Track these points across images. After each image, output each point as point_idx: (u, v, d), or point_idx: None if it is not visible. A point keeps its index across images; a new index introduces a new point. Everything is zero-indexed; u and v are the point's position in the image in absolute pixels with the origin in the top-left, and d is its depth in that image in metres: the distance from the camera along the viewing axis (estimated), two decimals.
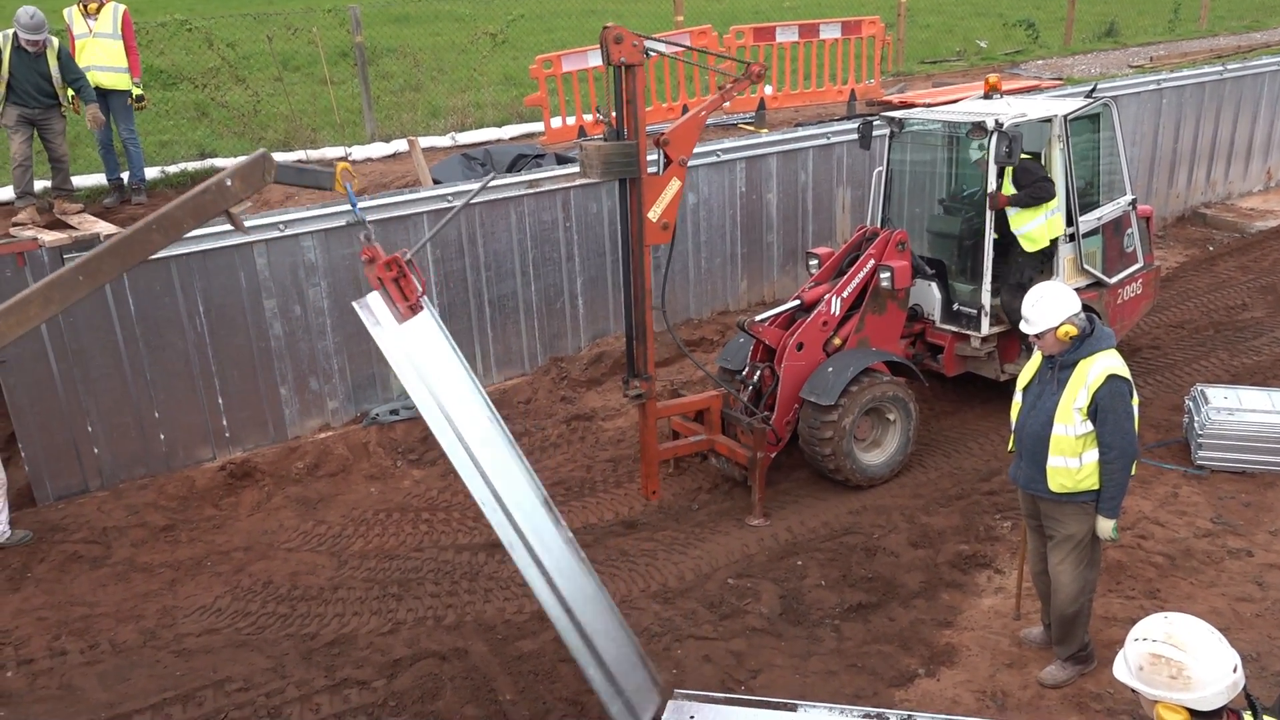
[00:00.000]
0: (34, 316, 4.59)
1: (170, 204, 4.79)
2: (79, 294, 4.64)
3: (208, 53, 12.79)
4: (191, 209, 4.74)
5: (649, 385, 7.53)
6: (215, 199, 4.73)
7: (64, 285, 4.56)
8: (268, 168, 4.84)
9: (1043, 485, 5.38)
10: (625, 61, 6.85)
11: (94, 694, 5.96)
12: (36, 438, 7.90)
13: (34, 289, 4.57)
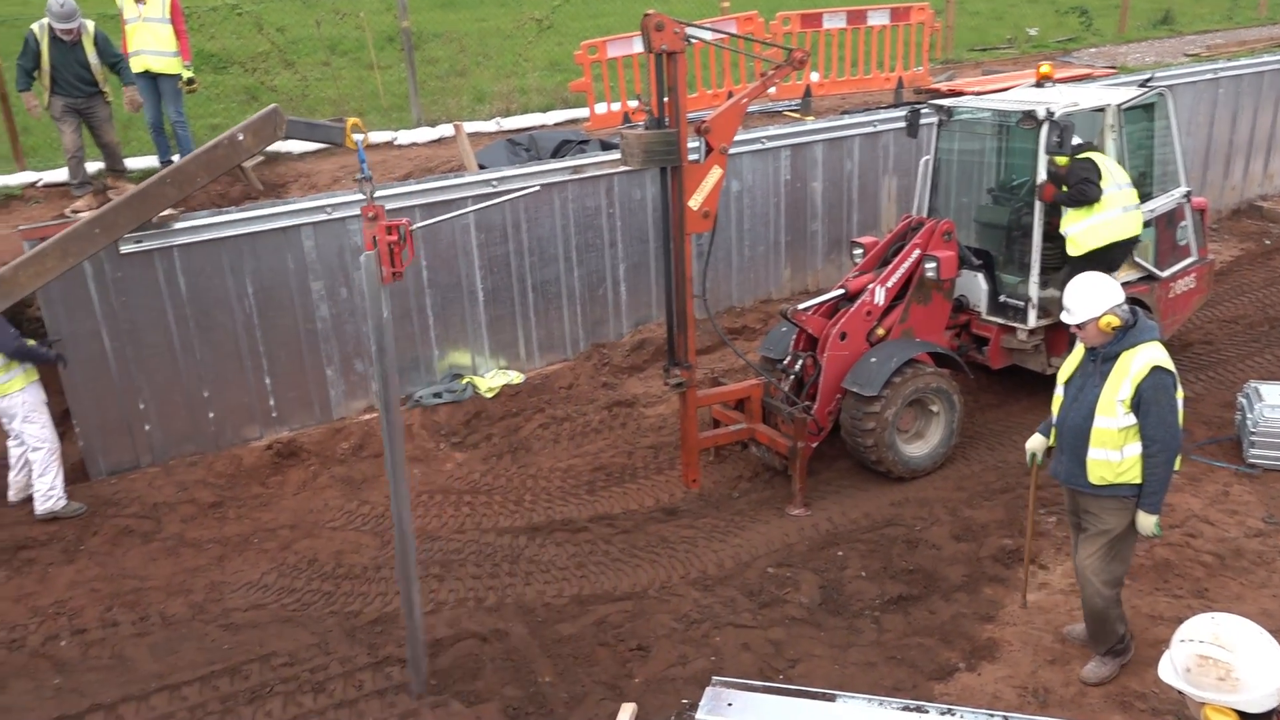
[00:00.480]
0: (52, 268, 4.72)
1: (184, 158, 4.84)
2: (95, 246, 4.74)
3: (257, 37, 12.94)
4: (204, 162, 4.83)
5: (689, 373, 7.53)
6: (227, 153, 4.82)
7: (80, 238, 4.67)
8: (278, 123, 4.91)
9: (1082, 479, 5.31)
10: (666, 49, 6.82)
11: (144, 665, 6.09)
12: (90, 414, 8.07)
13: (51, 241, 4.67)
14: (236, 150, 4.86)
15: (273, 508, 7.87)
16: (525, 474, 8.24)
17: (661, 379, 8.28)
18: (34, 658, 6.22)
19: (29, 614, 6.65)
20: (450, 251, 9.15)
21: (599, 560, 6.99)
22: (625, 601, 6.48)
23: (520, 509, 7.74)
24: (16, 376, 7.43)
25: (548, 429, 8.88)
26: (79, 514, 7.64)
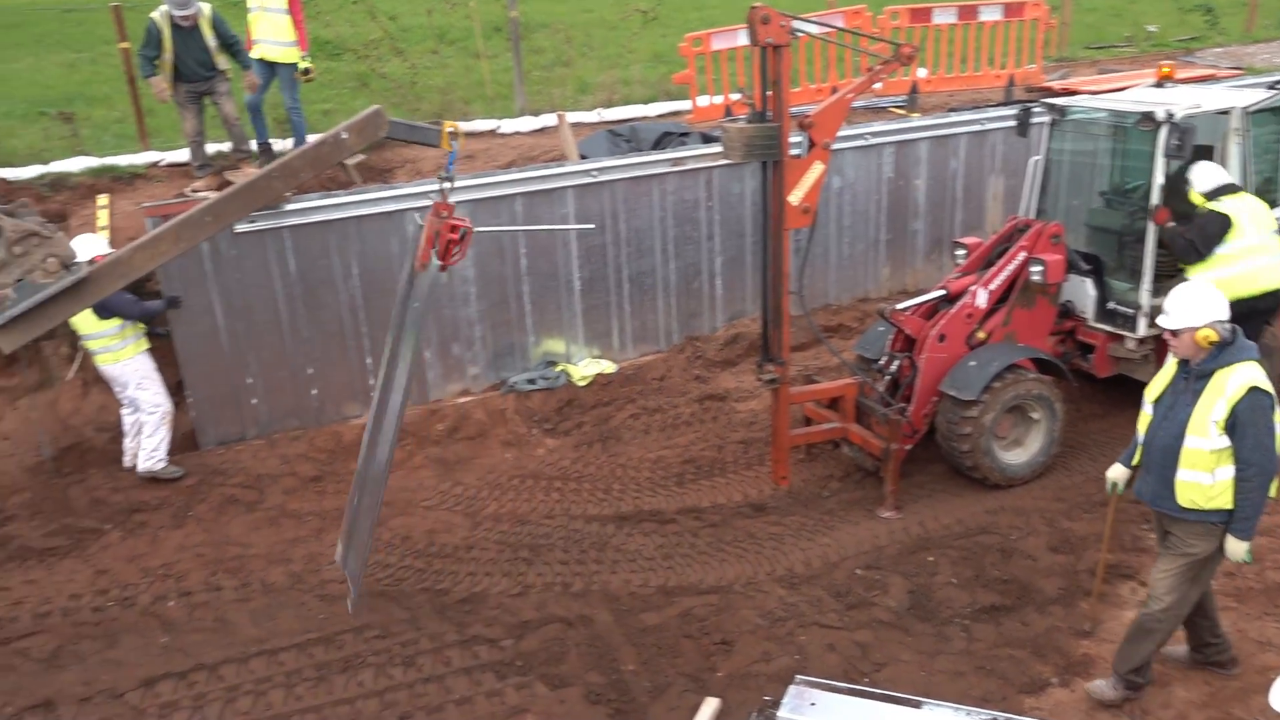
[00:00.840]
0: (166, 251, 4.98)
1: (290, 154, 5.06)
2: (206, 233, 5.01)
3: (370, 25, 13.23)
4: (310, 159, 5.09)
5: (783, 370, 7.48)
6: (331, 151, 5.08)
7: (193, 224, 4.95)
8: (380, 124, 5.16)
9: (1169, 501, 5.10)
10: (772, 42, 6.77)
11: (245, 629, 6.34)
12: (202, 386, 8.41)
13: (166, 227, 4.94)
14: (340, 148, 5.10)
15: None
16: (615, 463, 8.30)
17: (754, 374, 8.25)
18: (144, 616, 6.52)
19: (140, 574, 6.97)
20: (549, 241, 9.25)
21: (685, 552, 7.01)
22: (710, 595, 6.48)
23: (609, 497, 7.80)
24: (129, 345, 7.80)
25: (639, 419, 8.93)
26: (176, 477, 7.99)
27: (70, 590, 6.80)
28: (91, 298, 4.89)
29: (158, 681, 5.89)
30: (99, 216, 8.92)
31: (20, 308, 4.63)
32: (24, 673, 6.01)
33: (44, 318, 4.74)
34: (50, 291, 4.66)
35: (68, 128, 10.90)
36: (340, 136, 5.16)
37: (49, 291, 4.66)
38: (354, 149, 5.24)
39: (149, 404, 7.90)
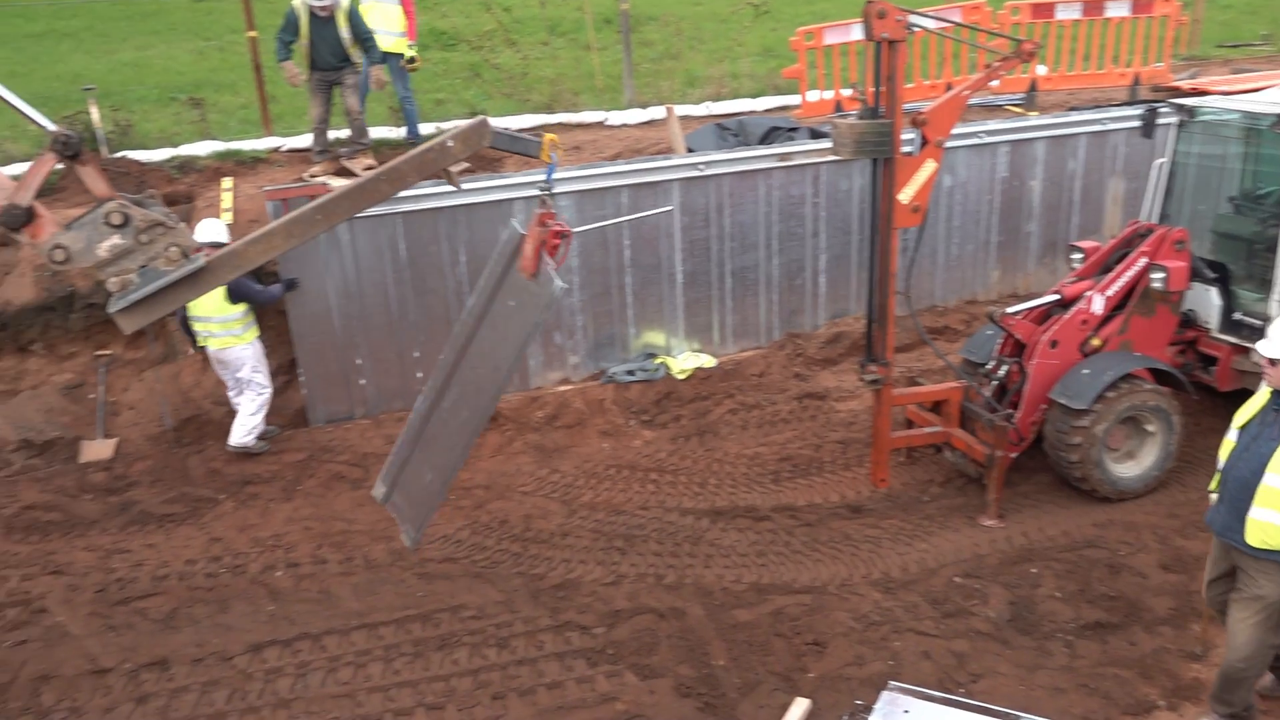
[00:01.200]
0: (277, 246, 5.24)
1: (398, 159, 5.35)
2: (316, 230, 5.27)
3: (485, 16, 13.46)
4: (416, 164, 5.30)
5: (886, 371, 7.36)
6: (437, 157, 5.28)
7: (304, 221, 5.19)
8: (484, 133, 5.33)
9: (1239, 535, 4.85)
10: (887, 37, 6.65)
11: (347, 602, 6.54)
12: (314, 366, 8.69)
13: (279, 223, 5.21)
14: (445, 155, 5.33)
15: (469, 468, 8.23)
16: (711, 457, 8.29)
17: (856, 374, 8.14)
18: (253, 584, 6.78)
19: (250, 543, 7.25)
20: (653, 233, 9.28)
21: (780, 550, 6.96)
22: (804, 595, 6.44)
23: (704, 492, 7.80)
24: (251, 330, 8.13)
25: (736, 415, 8.90)
26: (264, 450, 8.31)
27: (186, 555, 7.11)
28: (207, 286, 5.16)
29: (264, 647, 6.12)
30: (223, 199, 9.29)
31: (142, 292, 4.90)
32: (142, 631, 6.31)
33: (163, 302, 5.01)
34: (171, 278, 4.92)
35: (196, 113, 11.38)
36: (446, 144, 5.35)
37: (169, 278, 4.91)
38: (459, 157, 5.45)
39: (259, 386, 8.20)
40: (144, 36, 17.39)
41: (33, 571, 6.93)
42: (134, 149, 10.41)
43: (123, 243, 4.79)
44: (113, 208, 4.74)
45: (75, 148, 4.62)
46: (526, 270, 5.87)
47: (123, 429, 8.65)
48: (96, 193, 4.77)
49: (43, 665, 6.01)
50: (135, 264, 4.85)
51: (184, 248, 4.92)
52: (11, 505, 7.70)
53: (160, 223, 4.86)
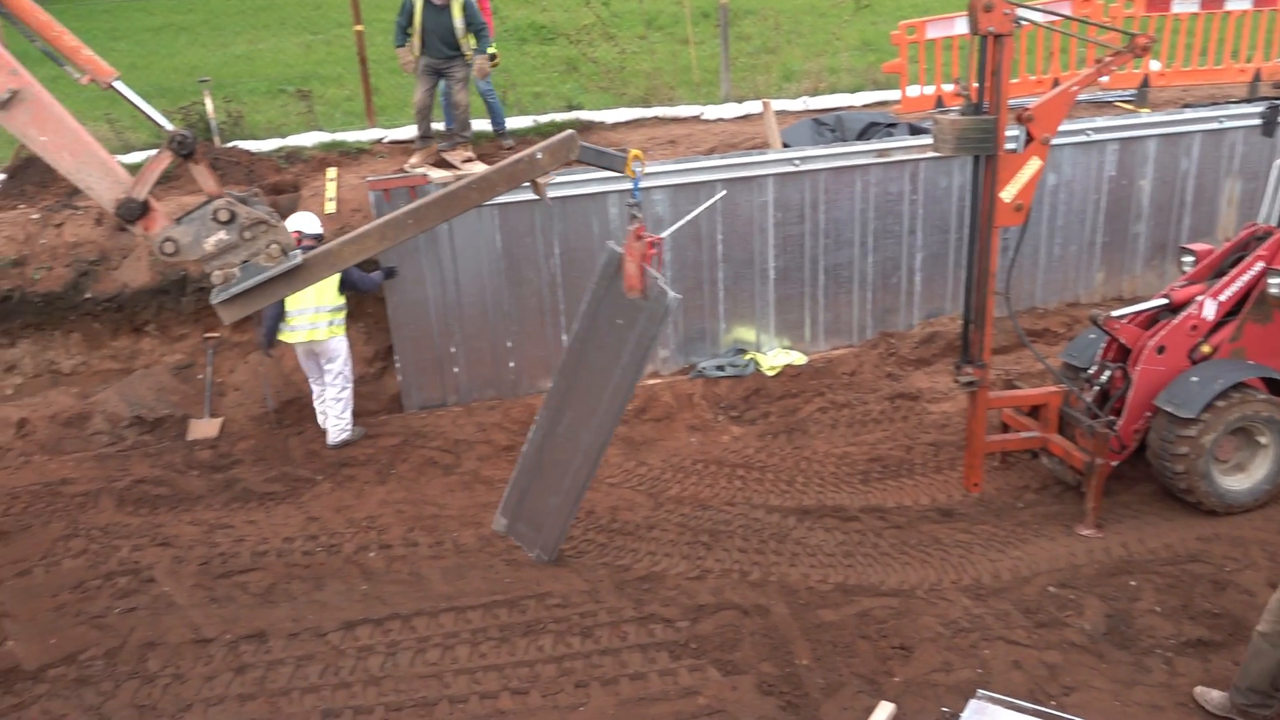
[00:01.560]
0: (370, 247, 5.53)
1: (489, 169, 5.62)
2: (407, 234, 5.56)
3: (584, 10, 13.55)
4: (506, 175, 5.57)
5: (982, 373, 7.21)
6: (526, 168, 5.54)
7: (397, 225, 5.46)
8: (572, 147, 5.58)
9: None
10: (993, 31, 6.50)
11: (437, 585, 6.68)
12: (409, 353, 8.89)
13: (373, 225, 5.48)
14: (534, 167, 5.59)
15: None
16: (799, 455, 8.23)
17: (951, 375, 7.99)
18: (347, 563, 6.98)
19: (345, 524, 7.45)
20: (747, 228, 9.24)
21: (867, 552, 6.88)
22: (891, 598, 6.35)
23: (791, 490, 7.74)
24: (343, 322, 8.29)
25: (826, 413, 8.81)
26: (361, 436, 8.49)
27: (284, 533, 7.35)
28: (302, 283, 5.42)
29: (357, 625, 6.29)
30: (327, 188, 9.55)
31: (243, 285, 5.18)
32: (242, 604, 6.55)
33: (261, 296, 5.29)
34: (270, 274, 5.19)
35: (304, 105, 11.72)
36: (535, 156, 5.57)
37: (269, 274, 5.18)
38: (547, 169, 5.66)
39: (344, 380, 8.36)
40: (255, 30, 17.97)
41: (142, 543, 7.24)
42: (244, 139, 10.78)
43: (228, 238, 5.04)
44: (220, 205, 5.00)
45: (190, 147, 4.86)
46: (634, 289, 6.07)
47: (228, 409, 8.99)
48: (207, 190, 5.02)
49: (150, 632, 6.28)
50: (238, 259, 5.12)
51: (284, 245, 5.17)
52: (124, 478, 8.06)
53: (263, 220, 5.11)
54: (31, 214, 9.31)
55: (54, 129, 4.79)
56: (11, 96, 4.64)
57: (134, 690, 5.82)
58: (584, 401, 6.63)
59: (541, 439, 6.88)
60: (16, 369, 9.07)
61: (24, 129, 4.76)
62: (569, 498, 6.73)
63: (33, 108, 4.72)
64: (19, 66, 4.70)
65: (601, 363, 6.52)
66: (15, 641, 6.23)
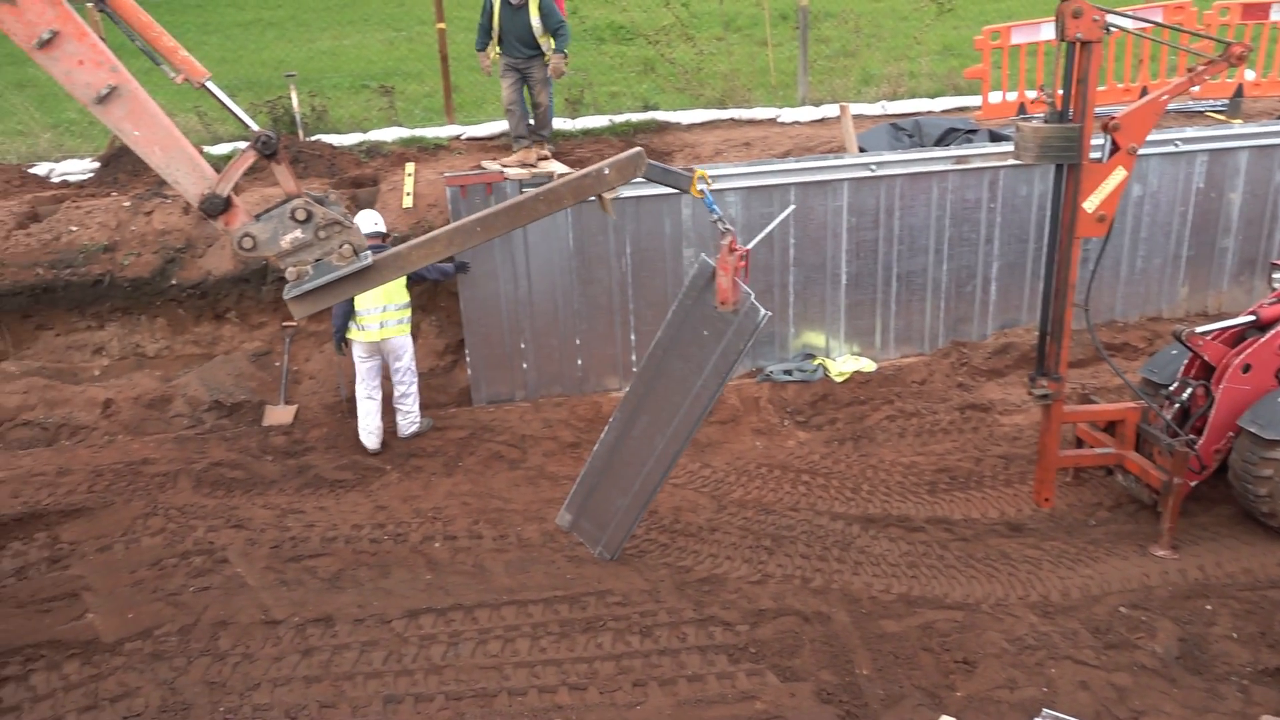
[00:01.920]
0: (438, 252, 5.73)
1: (556, 182, 5.77)
2: (475, 241, 5.77)
3: (663, 11, 13.56)
4: (573, 189, 5.74)
5: (1058, 386, 7.05)
6: (593, 183, 5.70)
7: (465, 232, 5.69)
8: (639, 164, 5.73)
9: None
10: (1081, 37, 6.36)
11: (499, 578, 6.75)
12: (480, 347, 9.00)
13: (441, 231, 5.69)
14: (600, 182, 5.75)
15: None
16: (865, 463, 8.14)
17: (1025, 387, 7.85)
18: (413, 552, 7.09)
19: (412, 514, 7.58)
20: (820, 233, 9.17)
21: (932, 563, 6.78)
22: (955, 611, 6.25)
23: (856, 497, 7.67)
24: (410, 320, 8.38)
25: (894, 421, 8.71)
26: (430, 427, 8.61)
27: (353, 520, 7.50)
28: (371, 284, 5.61)
29: (420, 614, 6.39)
30: (405, 183, 9.72)
31: (315, 283, 5.38)
32: (311, 588, 6.70)
33: (330, 294, 5.50)
34: (341, 273, 5.38)
35: (385, 100, 11.94)
36: (603, 172, 5.73)
37: (340, 273, 5.38)
38: (613, 185, 5.82)
39: (410, 375, 8.46)
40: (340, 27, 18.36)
41: (217, 524, 7.44)
42: (327, 133, 11.02)
43: (303, 237, 5.23)
44: (298, 204, 5.18)
45: (273, 147, 5.03)
46: (728, 302, 6.19)
47: (302, 397, 9.20)
48: (286, 189, 5.19)
49: (221, 611, 6.46)
50: (311, 257, 5.30)
51: (356, 246, 5.34)
52: (201, 461, 8.30)
53: (338, 221, 5.29)
54: (123, 202, 9.64)
55: (147, 125, 4.95)
56: (110, 92, 4.81)
57: (205, 667, 5.99)
58: (661, 408, 6.71)
59: (614, 440, 6.96)
60: (104, 351, 9.40)
61: (119, 123, 4.92)
62: (637, 500, 6.80)
63: (129, 104, 4.88)
64: (118, 64, 4.87)
65: (683, 372, 6.59)
66: (95, 614, 6.45)
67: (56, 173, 10.66)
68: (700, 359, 6.49)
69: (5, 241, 9.23)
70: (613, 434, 6.97)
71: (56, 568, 6.96)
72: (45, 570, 6.95)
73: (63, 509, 7.63)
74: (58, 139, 11.86)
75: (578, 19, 14.20)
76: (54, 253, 9.19)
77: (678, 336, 6.62)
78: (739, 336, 6.29)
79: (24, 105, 12.62)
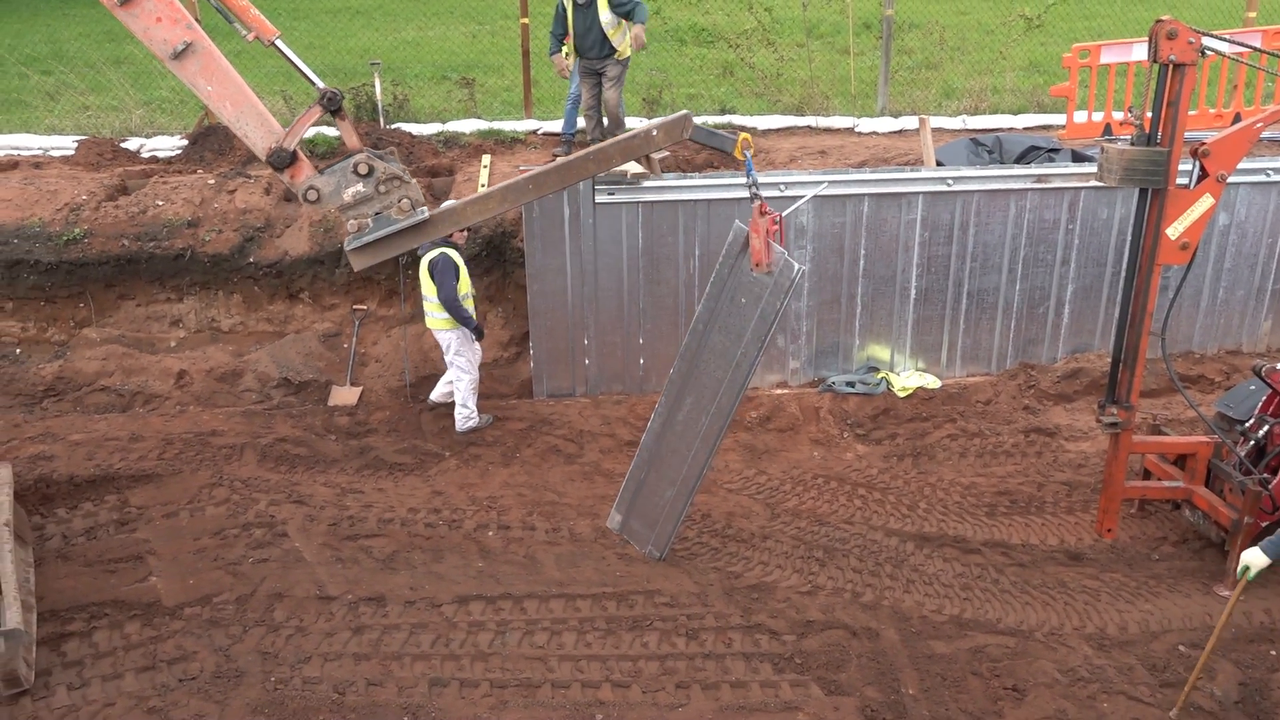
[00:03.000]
0: (492, 208, 6.00)
1: (605, 142, 6.01)
2: (526, 198, 6.04)
3: (746, 15, 13.53)
4: (621, 149, 5.96)
5: (1128, 414, 6.89)
6: (641, 144, 5.90)
7: (517, 189, 5.94)
8: (686, 126, 5.91)
9: None
10: (1175, 60, 6.20)
11: (549, 570, 6.80)
12: (544, 341, 9.07)
13: (495, 188, 5.93)
14: (649, 143, 5.98)
15: None
16: (924, 481, 8.04)
17: (1094, 414, 7.68)
18: (466, 539, 7.18)
19: (468, 501, 7.67)
20: (891, 245, 9.08)
21: (986, 587, 6.68)
22: (1008, 637, 6.14)
23: (913, 515, 7.58)
24: (446, 318, 8.30)
25: (956, 440, 8.58)
26: (489, 424, 8.63)
27: (410, 504, 7.61)
28: (427, 236, 5.88)
29: (470, 601, 6.47)
30: (480, 174, 9.84)
31: (374, 235, 5.63)
32: (365, 568, 6.82)
33: (390, 247, 5.73)
34: (399, 226, 5.62)
35: (465, 92, 12.11)
36: (651, 133, 5.92)
37: (398, 226, 5.61)
38: (660, 145, 6.04)
39: (458, 371, 8.46)
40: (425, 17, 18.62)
41: (278, 498, 7.61)
42: (407, 122, 11.21)
43: (365, 190, 5.47)
44: (361, 159, 5.42)
45: (337, 103, 5.31)
46: (761, 263, 6.26)
47: (368, 379, 9.37)
48: (349, 145, 5.46)
49: (278, 584, 6.60)
50: (371, 210, 5.55)
51: (414, 200, 5.58)
52: (267, 436, 8.49)
53: (398, 176, 5.53)
54: (208, 179, 9.91)
55: (220, 80, 5.23)
56: (185, 48, 5.12)
57: (259, 637, 6.13)
58: (704, 386, 6.74)
59: (660, 427, 7.00)
60: (181, 323, 9.67)
61: (193, 78, 5.22)
62: (684, 489, 6.82)
63: (203, 59, 5.18)
64: (193, 21, 5.20)
65: (724, 344, 6.62)
66: (158, 578, 6.65)
67: (147, 148, 11.00)
68: (740, 328, 6.52)
69: (95, 213, 9.55)
70: (659, 420, 7.01)
71: (124, 530, 7.18)
72: (113, 532, 7.17)
73: (133, 474, 7.86)
74: (150, 115, 12.23)
75: (660, 19, 14.24)
76: (140, 225, 9.47)
77: (716, 310, 6.65)
78: (775, 295, 6.31)
79: (120, 81, 13.04)
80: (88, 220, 9.47)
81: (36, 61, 15.25)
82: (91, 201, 9.63)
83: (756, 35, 13.36)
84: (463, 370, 8.51)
